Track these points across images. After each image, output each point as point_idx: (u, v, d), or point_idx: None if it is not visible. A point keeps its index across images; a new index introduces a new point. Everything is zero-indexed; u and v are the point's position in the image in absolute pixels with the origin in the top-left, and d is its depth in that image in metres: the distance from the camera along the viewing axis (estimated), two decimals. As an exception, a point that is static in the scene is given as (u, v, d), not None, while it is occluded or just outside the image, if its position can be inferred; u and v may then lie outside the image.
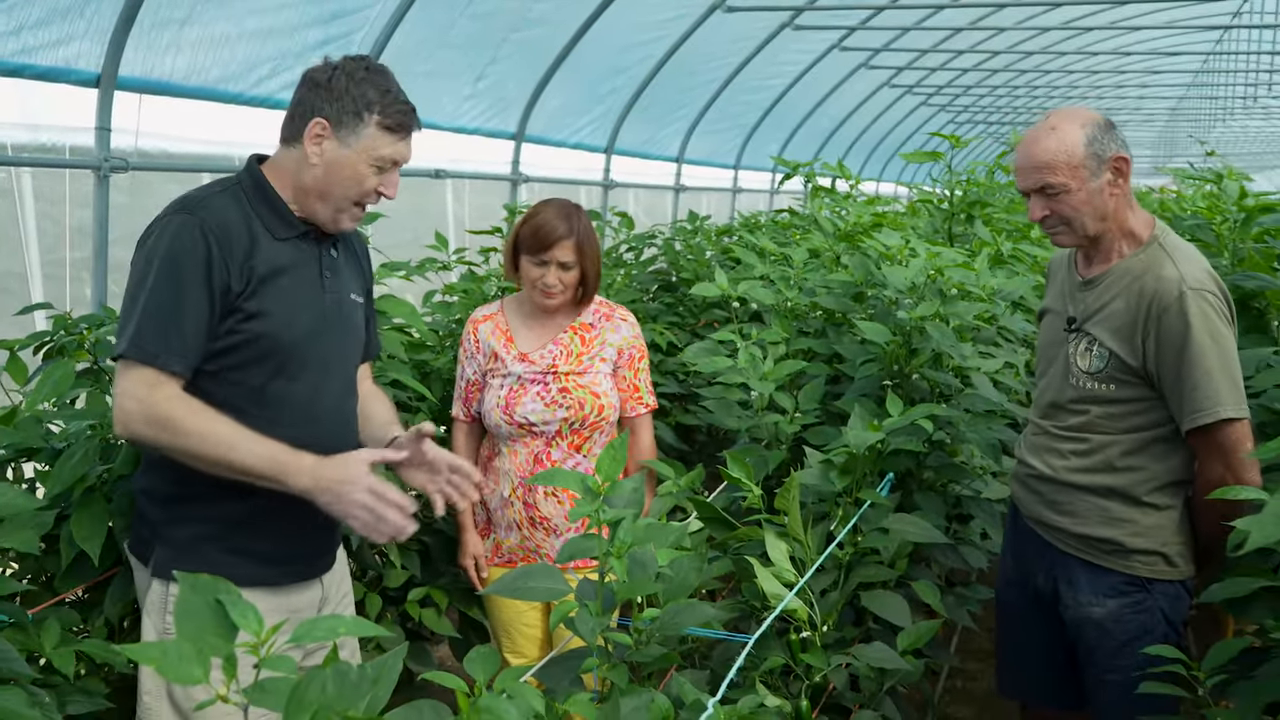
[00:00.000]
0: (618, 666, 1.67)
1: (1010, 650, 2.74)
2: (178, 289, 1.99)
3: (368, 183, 2.12)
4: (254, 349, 2.07)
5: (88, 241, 4.11)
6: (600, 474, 1.72)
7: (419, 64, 5.81)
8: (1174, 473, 2.40)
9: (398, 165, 2.15)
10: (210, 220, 2.03)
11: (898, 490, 2.89)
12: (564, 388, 2.84)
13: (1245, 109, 18.15)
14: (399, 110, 2.12)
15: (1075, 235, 2.43)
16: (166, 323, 1.98)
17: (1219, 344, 2.29)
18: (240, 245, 2.05)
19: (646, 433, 3.01)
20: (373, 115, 2.09)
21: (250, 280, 2.05)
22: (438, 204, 6.90)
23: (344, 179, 2.11)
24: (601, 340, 2.91)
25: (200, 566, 2.05)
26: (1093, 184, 2.36)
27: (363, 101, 2.09)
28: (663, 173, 10.18)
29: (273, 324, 2.07)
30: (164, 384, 1.97)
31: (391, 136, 2.11)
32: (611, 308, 2.99)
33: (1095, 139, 2.35)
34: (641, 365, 2.98)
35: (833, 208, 5.31)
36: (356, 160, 2.09)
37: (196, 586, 1.13)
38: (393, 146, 2.12)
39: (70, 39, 3.83)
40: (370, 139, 2.09)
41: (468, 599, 3.06)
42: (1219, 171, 4.24)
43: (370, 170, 2.11)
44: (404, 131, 2.13)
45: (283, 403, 2.10)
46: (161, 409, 1.95)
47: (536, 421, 2.82)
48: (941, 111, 17.20)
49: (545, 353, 2.87)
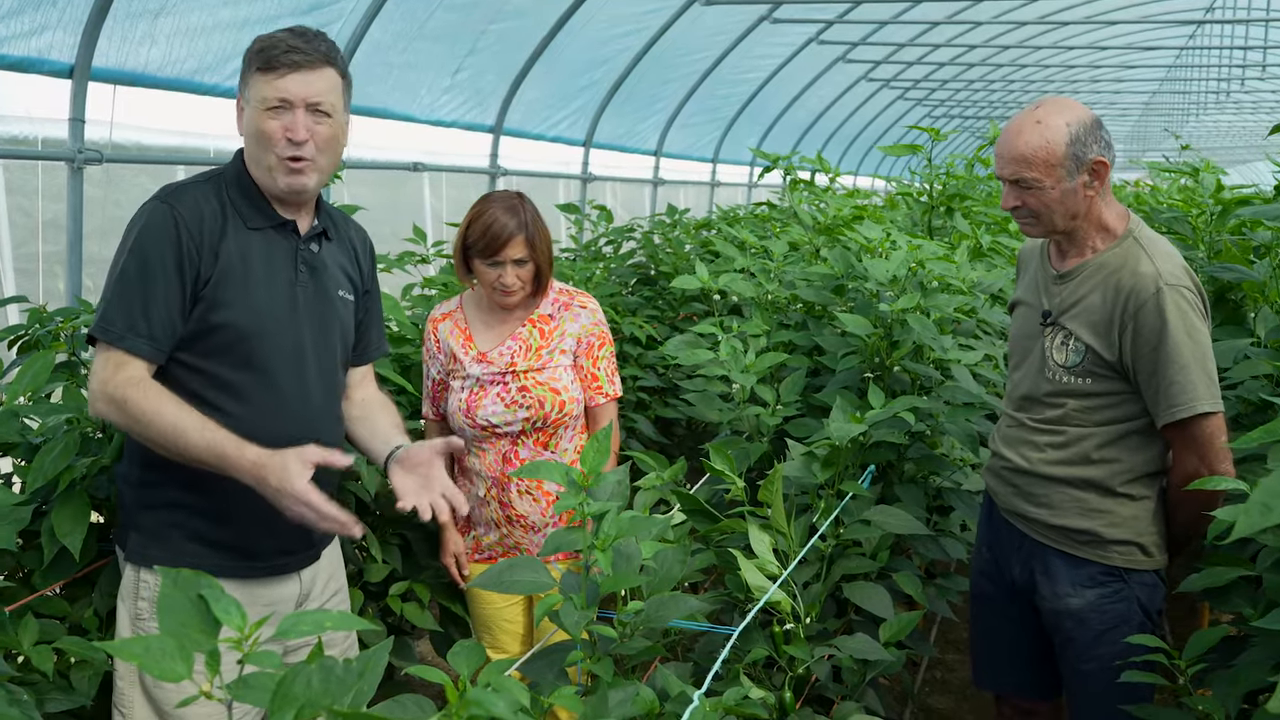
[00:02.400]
0: (603, 660, 1.67)
1: (985, 642, 2.75)
2: (147, 274, 2.03)
3: (267, 128, 2.08)
4: (220, 338, 2.08)
5: (61, 234, 4.07)
6: (584, 466, 1.72)
7: (396, 56, 5.79)
8: (1149, 464, 2.42)
9: (290, 104, 2.08)
10: (182, 207, 2.06)
11: (879, 482, 2.91)
12: (523, 386, 2.78)
13: (1218, 104, 18.33)
14: (271, 50, 2.08)
15: (1043, 229, 2.44)
16: (134, 306, 2.02)
17: (1194, 339, 2.30)
18: (211, 233, 2.07)
19: (609, 424, 2.89)
20: (253, 67, 2.10)
21: (215, 268, 2.07)
22: (415, 197, 6.87)
23: (254, 136, 2.11)
24: (561, 331, 2.83)
25: (167, 553, 2.07)
26: (1067, 184, 2.36)
27: (247, 60, 2.11)
28: (641, 166, 10.18)
29: (235, 313, 2.08)
30: (127, 365, 2.01)
31: (269, 75, 2.08)
32: (571, 295, 2.90)
33: (1079, 139, 2.34)
34: (602, 353, 2.88)
35: (812, 201, 5.32)
36: (253, 114, 2.10)
37: (178, 581, 1.11)
38: (271, 85, 2.07)
39: (43, 29, 3.78)
40: (255, 88, 2.09)
41: (449, 593, 3.05)
42: (1195, 165, 4.26)
43: (265, 116, 2.08)
44: (280, 68, 2.07)
45: (252, 396, 2.10)
46: (119, 390, 1.99)
47: (499, 423, 2.77)
48: (919, 105, 17.28)
49: (504, 349, 2.81)
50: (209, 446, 1.97)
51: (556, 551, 1.74)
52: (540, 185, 8.44)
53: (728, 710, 1.58)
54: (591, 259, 5.59)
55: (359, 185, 6.15)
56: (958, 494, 3.05)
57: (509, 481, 2.79)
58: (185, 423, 1.97)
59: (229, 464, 1.97)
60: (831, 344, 3.31)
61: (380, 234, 5.50)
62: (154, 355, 2.03)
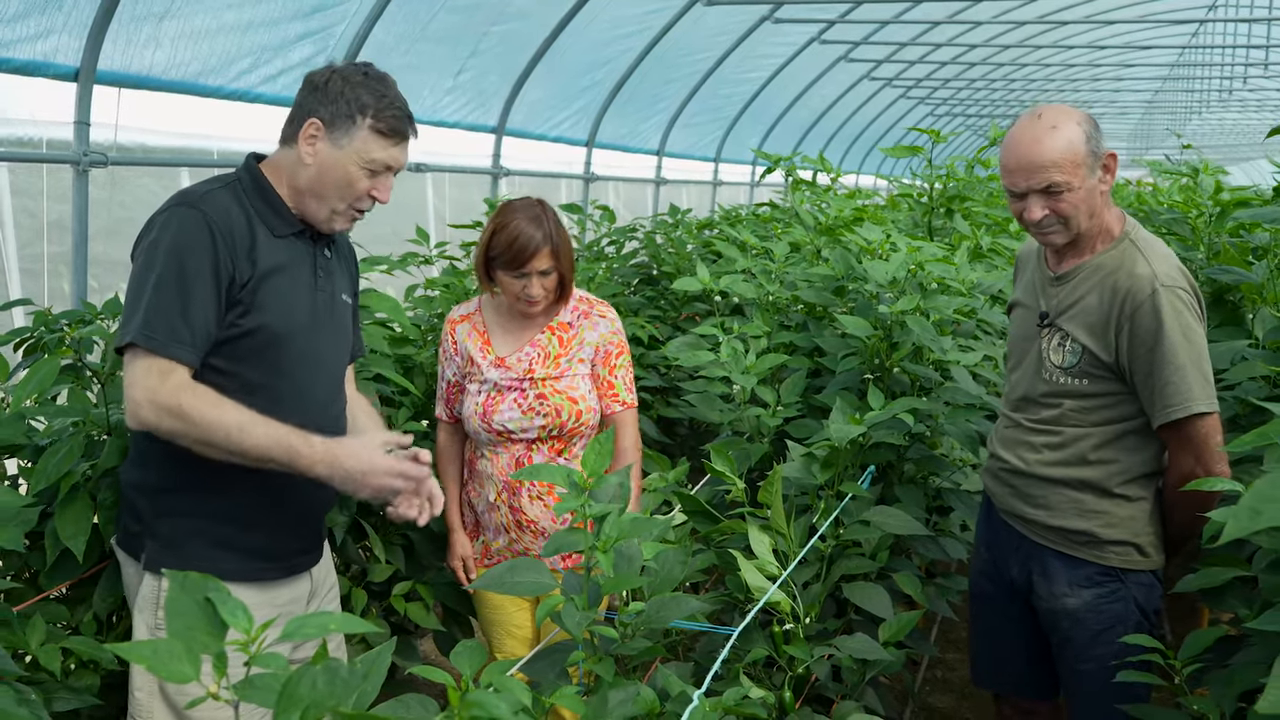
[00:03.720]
0: (604, 660, 1.69)
1: (984, 641, 2.76)
2: (184, 279, 2.01)
3: (359, 184, 2.13)
4: (251, 343, 2.09)
5: (65, 236, 4.09)
6: (585, 468, 1.73)
7: (399, 57, 5.80)
8: (1146, 465, 2.44)
9: (390, 170, 2.15)
10: (213, 213, 2.06)
11: (879, 483, 2.92)
12: (541, 394, 2.77)
13: (1221, 102, 18.31)
14: (393, 115, 2.13)
15: (1069, 233, 2.42)
16: (174, 313, 2.00)
17: (1190, 340, 2.32)
18: (242, 240, 2.08)
19: (627, 433, 2.86)
20: (365, 118, 2.11)
21: (252, 275, 2.07)
22: (418, 198, 6.89)
23: (336, 180, 2.12)
24: (579, 340, 2.83)
25: (188, 561, 2.08)
26: (1090, 181, 2.37)
27: (357, 104, 2.11)
28: (643, 166, 10.19)
29: (269, 319, 2.09)
30: (174, 373, 1.99)
31: (384, 140, 2.12)
32: (591, 304, 2.89)
33: (1092, 136, 2.37)
34: (618, 362, 2.86)
35: (814, 201, 5.33)
36: (348, 162, 2.11)
37: (186, 585, 1.13)
38: (385, 150, 2.12)
39: (49, 32, 3.80)
40: (362, 141, 2.11)
41: (452, 593, 3.07)
42: (1195, 165, 4.27)
43: (362, 173, 2.12)
44: (397, 136, 2.14)
45: (274, 398, 2.11)
46: (172, 398, 1.97)
47: (515, 429, 2.77)
48: (921, 104, 17.28)
49: (522, 355, 2.80)
50: (276, 441, 1.98)
51: (557, 553, 1.75)
52: (543, 185, 8.46)
53: (727, 710, 1.60)
54: (594, 259, 5.61)
55: (362, 186, 6.15)
56: (957, 494, 3.07)
57: (520, 486, 2.78)
58: (247, 420, 1.98)
59: (298, 455, 1.98)
60: (832, 345, 3.33)
61: (382, 234, 5.54)
62: (195, 361, 2.02)
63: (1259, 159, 25.93)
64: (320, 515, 2.22)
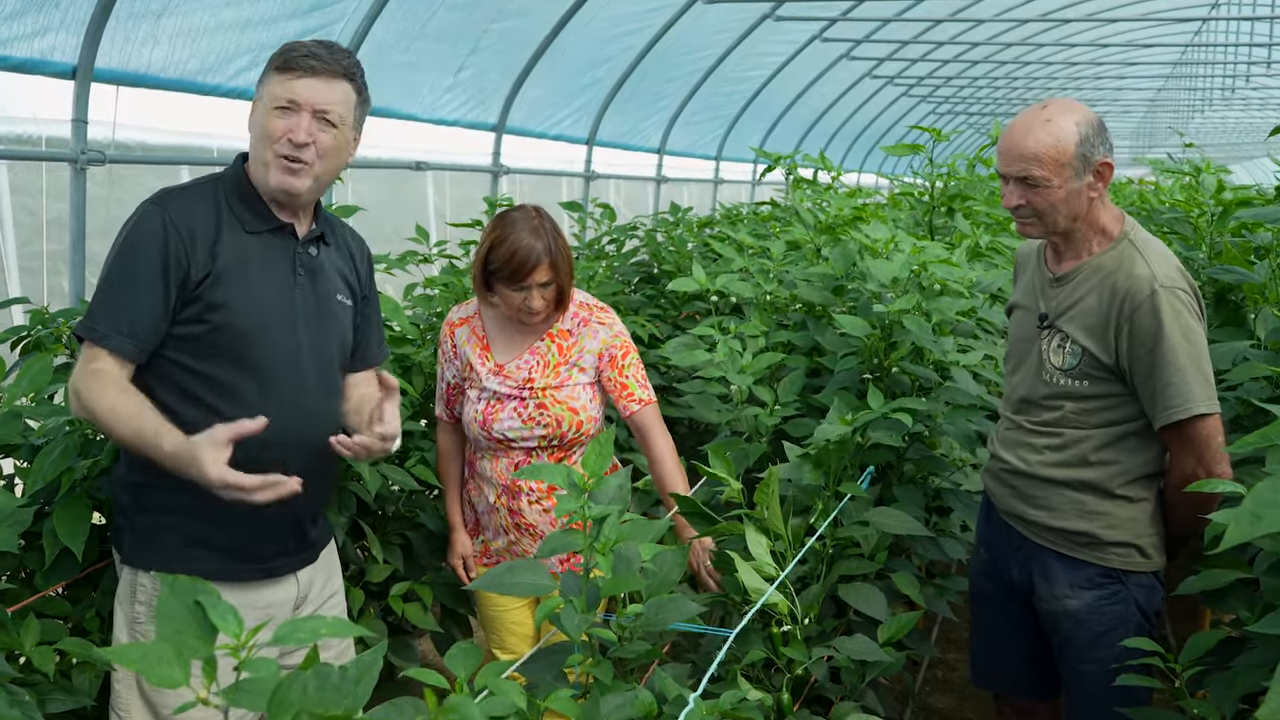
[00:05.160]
0: (602, 662, 1.68)
1: (984, 642, 2.76)
2: (131, 274, 2.06)
3: (271, 124, 2.10)
4: (216, 338, 2.09)
5: (64, 234, 4.08)
6: (586, 469, 1.72)
7: (399, 55, 5.79)
8: (1147, 466, 2.42)
9: (300, 107, 2.10)
10: (173, 209, 2.09)
11: (877, 483, 2.91)
12: (541, 404, 2.73)
13: (1224, 100, 18.27)
14: (292, 52, 2.12)
15: (1044, 229, 2.44)
16: (116, 305, 2.05)
17: (1190, 341, 2.30)
18: (205, 235, 2.09)
19: (657, 437, 2.76)
20: (272, 66, 2.13)
21: (211, 270, 2.08)
22: (418, 196, 6.88)
23: (258, 133, 2.14)
24: (580, 348, 2.78)
25: (163, 556, 2.08)
26: (1074, 184, 2.36)
27: (269, 62, 2.14)
28: (644, 164, 10.17)
29: (232, 314, 2.09)
30: (101, 361, 2.03)
31: (283, 75, 2.11)
32: (590, 310, 2.83)
33: (1087, 140, 2.34)
34: (626, 362, 2.79)
35: (814, 199, 5.32)
36: (262, 111, 2.13)
37: (176, 588, 1.12)
38: (284, 84, 2.10)
39: (46, 30, 3.79)
40: (268, 86, 2.12)
41: (451, 594, 3.06)
42: (1197, 164, 4.26)
43: (273, 114, 2.10)
44: (296, 70, 2.10)
45: (249, 398, 2.10)
46: (76, 381, 2.03)
47: (514, 438, 2.74)
48: (922, 102, 17.25)
49: (521, 364, 2.76)
50: (138, 433, 1.98)
51: (553, 554, 1.74)
52: (543, 183, 8.45)
53: (724, 713, 1.58)
54: (594, 257, 5.60)
55: (362, 184, 6.16)
56: (957, 495, 3.05)
57: (520, 490, 2.77)
58: (121, 408, 1.99)
59: (155, 453, 1.96)
60: (831, 344, 3.31)
61: (383, 233, 5.54)
62: (136, 354, 2.06)
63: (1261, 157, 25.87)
64: (296, 520, 2.19)
